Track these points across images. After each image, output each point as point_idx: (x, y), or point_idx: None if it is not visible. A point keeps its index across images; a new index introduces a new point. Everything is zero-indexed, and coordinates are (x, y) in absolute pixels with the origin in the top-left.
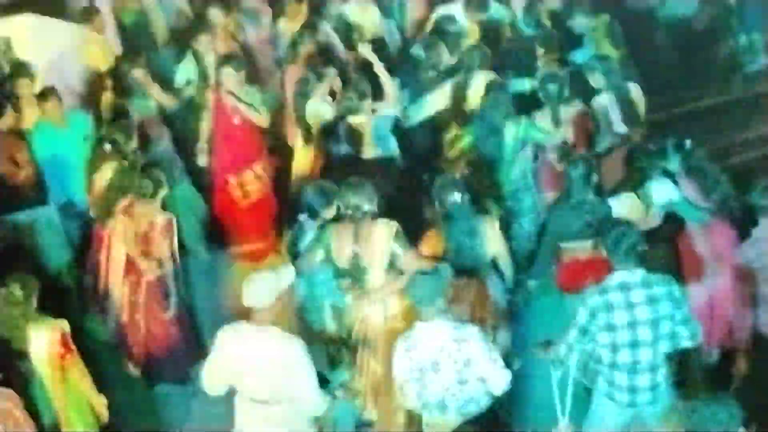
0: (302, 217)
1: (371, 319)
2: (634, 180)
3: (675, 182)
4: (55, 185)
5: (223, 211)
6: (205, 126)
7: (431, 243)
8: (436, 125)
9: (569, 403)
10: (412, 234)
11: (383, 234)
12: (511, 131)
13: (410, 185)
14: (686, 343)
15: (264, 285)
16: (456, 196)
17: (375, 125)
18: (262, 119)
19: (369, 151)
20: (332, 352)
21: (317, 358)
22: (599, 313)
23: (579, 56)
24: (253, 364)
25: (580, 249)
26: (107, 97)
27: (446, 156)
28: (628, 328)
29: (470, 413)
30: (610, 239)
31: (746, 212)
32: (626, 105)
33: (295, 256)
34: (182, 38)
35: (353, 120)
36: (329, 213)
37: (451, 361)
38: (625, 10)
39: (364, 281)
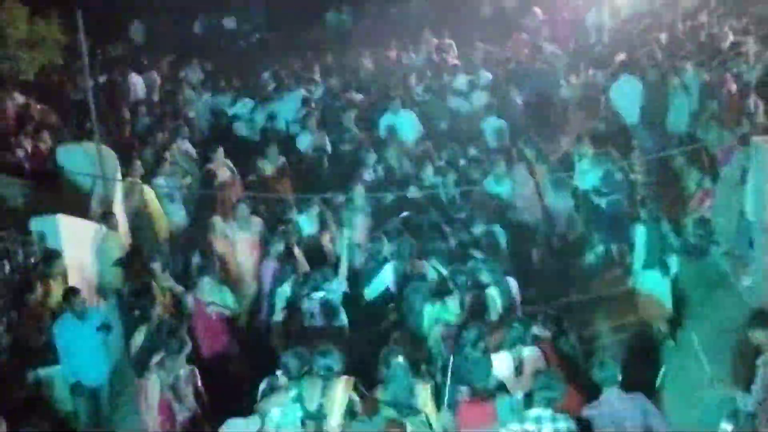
0: (279, 372)
1: None
2: (510, 342)
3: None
4: (66, 367)
5: None
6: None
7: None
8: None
9: None
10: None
11: (344, 387)
12: (428, 312)
13: (361, 350)
14: None
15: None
16: (399, 359)
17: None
18: (233, 313)
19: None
20: None
21: None
22: None
23: (478, 254)
24: None
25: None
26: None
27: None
28: None
29: None
30: (535, 387)
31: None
32: (506, 294)
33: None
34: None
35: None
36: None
37: None
38: (511, 222)
39: (324, 423)
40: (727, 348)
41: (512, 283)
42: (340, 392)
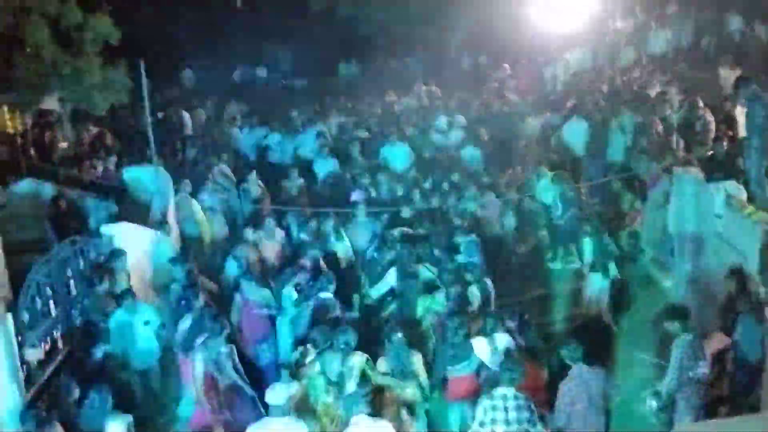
0: (308, 345)
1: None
2: (487, 330)
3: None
4: (119, 352)
5: None
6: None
7: (381, 367)
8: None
9: None
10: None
11: (358, 361)
12: (421, 303)
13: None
14: None
15: (280, 390)
16: (398, 336)
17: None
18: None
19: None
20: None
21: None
22: (489, 411)
23: (460, 258)
24: None
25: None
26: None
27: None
28: (503, 423)
29: None
30: (501, 368)
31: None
32: (484, 291)
33: (297, 368)
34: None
35: None
36: (325, 345)
37: None
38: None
39: (344, 389)
40: (653, 336)
41: (488, 282)
42: (356, 363)
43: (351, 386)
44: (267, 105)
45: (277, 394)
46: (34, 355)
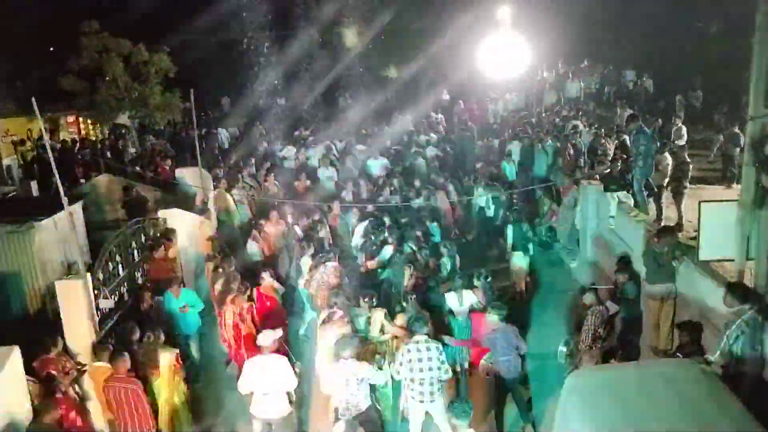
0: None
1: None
2: (456, 288)
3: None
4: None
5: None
6: None
7: (399, 321)
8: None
9: None
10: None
11: (380, 314)
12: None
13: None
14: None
15: (267, 335)
16: (413, 297)
17: None
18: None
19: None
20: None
21: None
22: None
23: (435, 239)
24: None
25: None
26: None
27: None
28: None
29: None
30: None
31: None
32: (453, 261)
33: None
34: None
35: None
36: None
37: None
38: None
39: (368, 336)
40: (562, 304)
41: (456, 256)
42: (378, 317)
43: (374, 333)
44: (284, 125)
45: (265, 337)
46: (106, 304)
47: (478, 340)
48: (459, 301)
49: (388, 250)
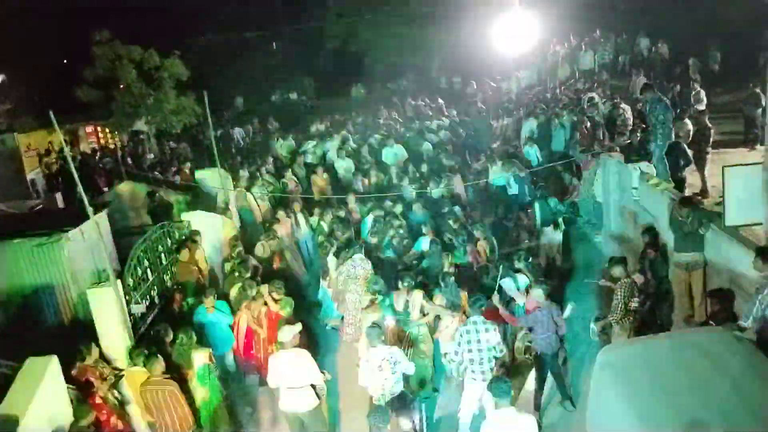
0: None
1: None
2: (507, 273)
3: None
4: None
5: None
6: None
7: (438, 300)
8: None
9: None
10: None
11: (419, 296)
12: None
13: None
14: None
15: (286, 331)
16: (451, 279)
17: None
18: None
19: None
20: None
21: None
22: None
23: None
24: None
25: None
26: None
27: None
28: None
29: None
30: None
31: None
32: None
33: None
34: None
35: None
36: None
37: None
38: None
39: (409, 318)
40: (592, 278)
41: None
42: (417, 299)
43: (415, 316)
44: (297, 120)
45: (284, 332)
46: (137, 309)
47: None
48: (516, 284)
49: (425, 241)
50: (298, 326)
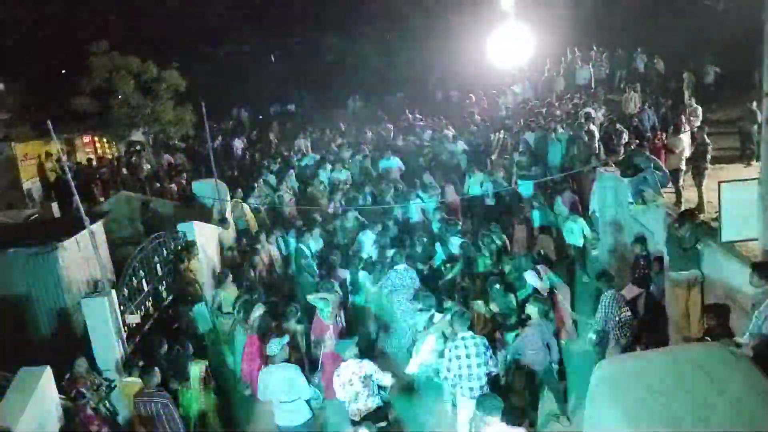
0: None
1: None
2: (528, 267)
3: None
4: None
5: None
6: None
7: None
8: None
9: None
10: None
11: (481, 306)
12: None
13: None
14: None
15: (274, 344)
16: (497, 286)
17: None
18: None
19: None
20: None
21: None
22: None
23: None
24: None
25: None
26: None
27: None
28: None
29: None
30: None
31: None
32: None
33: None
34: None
35: None
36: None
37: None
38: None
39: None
40: (591, 289)
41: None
42: (480, 308)
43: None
44: (294, 131)
45: (272, 346)
46: (132, 319)
47: None
48: (538, 277)
49: (453, 245)
50: (286, 338)
